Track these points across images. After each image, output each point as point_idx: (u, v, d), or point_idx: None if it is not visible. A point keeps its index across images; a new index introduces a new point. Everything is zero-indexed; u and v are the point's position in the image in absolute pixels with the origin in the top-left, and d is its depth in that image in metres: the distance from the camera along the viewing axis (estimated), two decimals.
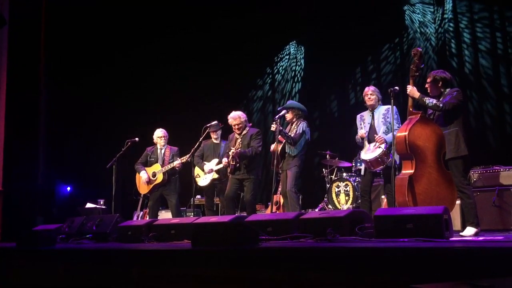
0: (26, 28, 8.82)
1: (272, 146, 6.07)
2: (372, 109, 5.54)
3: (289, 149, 6.00)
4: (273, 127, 5.85)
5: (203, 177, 6.80)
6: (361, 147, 5.57)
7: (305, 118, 6.19)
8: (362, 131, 5.52)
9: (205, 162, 6.73)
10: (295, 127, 6.07)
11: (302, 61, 9.99)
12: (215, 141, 6.82)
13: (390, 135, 5.28)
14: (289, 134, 5.97)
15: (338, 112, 9.18)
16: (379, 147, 5.28)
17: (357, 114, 5.75)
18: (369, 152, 5.35)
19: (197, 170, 7.01)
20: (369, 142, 5.44)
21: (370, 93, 5.54)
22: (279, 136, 5.85)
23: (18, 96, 8.66)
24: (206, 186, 6.72)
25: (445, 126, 4.71)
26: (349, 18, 8.80)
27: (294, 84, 10.08)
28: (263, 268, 2.88)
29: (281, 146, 5.99)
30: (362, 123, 5.59)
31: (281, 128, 5.89)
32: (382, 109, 5.50)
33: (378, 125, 5.45)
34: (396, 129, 5.26)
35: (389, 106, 5.42)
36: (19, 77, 8.68)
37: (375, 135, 5.38)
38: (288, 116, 6.09)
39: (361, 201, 5.67)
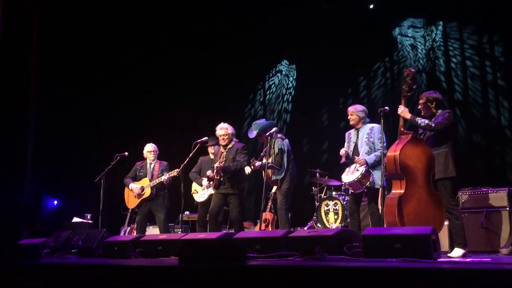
0: (18, 43, 8.82)
1: (263, 174, 6.05)
2: (356, 128, 5.54)
3: (275, 176, 6.00)
4: (253, 167, 6.00)
5: (201, 193, 6.77)
6: (333, 167, 5.57)
7: (277, 130, 6.11)
8: (342, 150, 5.49)
9: (203, 178, 6.68)
10: (272, 147, 6.05)
11: (294, 79, 10.07)
12: (212, 156, 6.78)
13: (372, 155, 5.28)
14: (271, 163, 5.94)
15: (329, 131, 9.22)
16: (357, 169, 5.26)
17: (346, 132, 5.75)
18: (349, 174, 5.34)
19: (194, 186, 6.97)
20: (352, 163, 5.42)
21: (350, 113, 5.53)
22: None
23: (7, 109, 8.60)
24: (203, 202, 6.66)
25: (435, 147, 4.74)
26: (340, 39, 8.93)
27: (285, 103, 10.14)
28: (250, 286, 2.85)
29: (269, 171, 6.00)
30: (348, 141, 5.59)
31: (259, 163, 5.92)
32: (366, 128, 5.47)
33: (361, 144, 5.41)
34: (379, 149, 5.26)
35: (374, 125, 5.43)
36: (8, 91, 8.64)
37: (355, 156, 5.36)
38: (261, 138, 6.04)
39: (350, 220, 5.65)
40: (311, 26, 9.24)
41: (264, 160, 5.91)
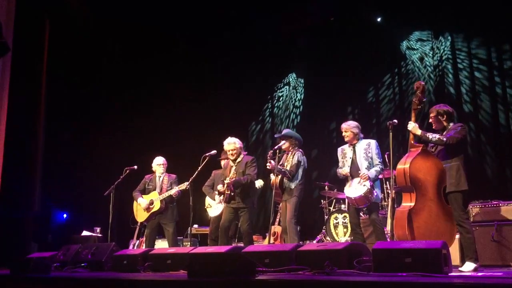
0: (29, 55, 8.92)
1: (272, 179, 6.05)
2: (351, 144, 5.53)
3: (287, 183, 6.00)
4: (268, 165, 5.94)
5: (214, 207, 6.75)
6: (342, 180, 5.56)
7: (300, 147, 6.20)
8: (346, 170, 5.47)
9: (215, 192, 6.67)
10: (291, 157, 6.08)
11: (302, 93, 10.09)
12: None
13: (372, 171, 5.31)
14: (285, 168, 5.97)
15: (337, 143, 9.19)
16: (364, 184, 5.25)
17: (338, 147, 5.73)
18: (353, 189, 5.33)
19: (208, 200, 6.95)
20: (352, 178, 5.41)
21: (344, 130, 5.54)
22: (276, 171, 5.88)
23: (18, 121, 8.68)
24: (217, 216, 6.64)
25: (446, 160, 4.72)
26: (349, 53, 8.95)
27: (293, 115, 10.15)
28: None
29: (279, 178, 5.99)
30: (343, 157, 5.58)
31: (274, 164, 5.90)
32: (363, 144, 5.48)
33: (360, 160, 5.41)
34: (378, 164, 5.32)
35: (370, 141, 5.49)
36: (19, 103, 8.72)
37: (358, 171, 5.35)
38: (285, 145, 6.10)
39: (353, 235, 5.63)
40: (319, 40, 9.29)
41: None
